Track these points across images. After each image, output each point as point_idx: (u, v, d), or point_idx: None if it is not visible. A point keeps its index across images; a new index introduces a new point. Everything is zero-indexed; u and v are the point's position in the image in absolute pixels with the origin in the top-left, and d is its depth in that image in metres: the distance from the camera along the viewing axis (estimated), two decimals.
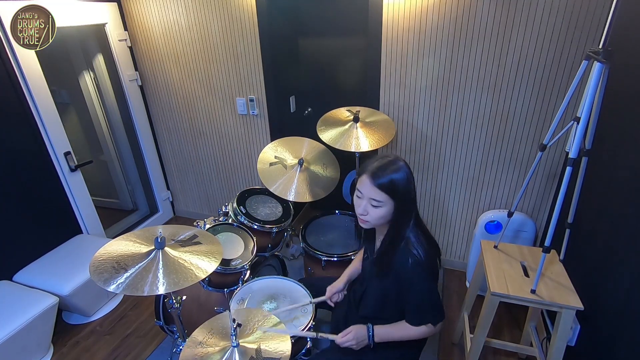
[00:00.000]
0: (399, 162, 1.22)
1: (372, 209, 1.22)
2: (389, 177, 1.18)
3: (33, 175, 2.26)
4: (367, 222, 1.27)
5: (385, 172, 1.18)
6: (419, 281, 1.24)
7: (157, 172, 3.28)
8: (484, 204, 2.41)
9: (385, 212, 1.22)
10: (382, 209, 1.21)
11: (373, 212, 1.23)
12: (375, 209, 1.22)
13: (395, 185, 1.18)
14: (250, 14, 2.41)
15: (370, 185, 1.20)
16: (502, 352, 2.01)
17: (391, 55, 2.21)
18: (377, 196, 1.19)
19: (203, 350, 1.21)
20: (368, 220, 1.26)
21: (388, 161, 1.21)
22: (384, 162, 1.21)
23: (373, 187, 1.19)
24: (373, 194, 1.20)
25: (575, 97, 1.87)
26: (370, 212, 1.23)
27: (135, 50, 2.86)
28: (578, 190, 1.55)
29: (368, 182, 1.20)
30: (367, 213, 1.24)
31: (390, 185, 1.17)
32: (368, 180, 1.20)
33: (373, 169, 1.20)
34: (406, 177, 1.20)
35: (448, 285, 2.55)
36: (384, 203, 1.20)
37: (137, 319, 2.34)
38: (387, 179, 1.17)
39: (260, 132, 2.78)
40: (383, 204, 1.20)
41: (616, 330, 1.31)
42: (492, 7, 1.92)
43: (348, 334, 1.30)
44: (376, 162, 1.22)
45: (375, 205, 1.21)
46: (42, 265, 2.24)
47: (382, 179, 1.18)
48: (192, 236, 1.46)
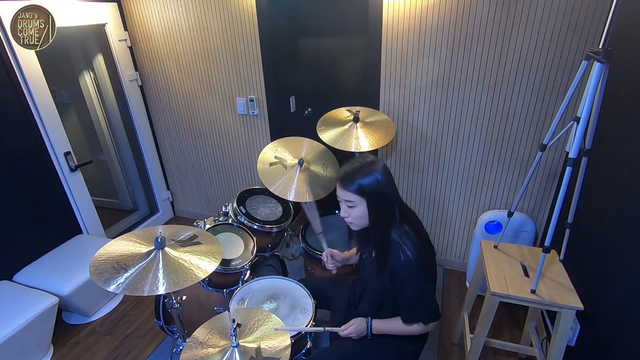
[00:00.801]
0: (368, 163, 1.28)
1: (349, 209, 1.30)
2: (355, 177, 1.25)
3: (33, 175, 2.26)
4: (352, 224, 1.35)
5: (351, 174, 1.26)
6: (410, 281, 1.27)
7: (157, 172, 3.28)
8: (484, 204, 2.41)
9: (361, 211, 1.28)
10: (357, 208, 1.28)
11: (352, 212, 1.30)
12: (351, 209, 1.29)
13: (362, 185, 1.25)
14: (250, 14, 2.41)
15: (341, 189, 1.29)
16: (502, 352, 2.01)
17: (391, 55, 2.21)
18: (347, 197, 1.27)
19: (203, 350, 1.21)
20: (352, 222, 1.33)
21: (358, 164, 1.28)
22: (354, 165, 1.29)
23: (341, 189, 1.28)
24: (345, 196, 1.28)
25: (575, 97, 1.87)
26: (350, 213, 1.31)
27: (135, 50, 2.86)
28: (578, 190, 1.56)
29: (339, 185, 1.30)
30: (348, 215, 1.32)
31: (357, 186, 1.25)
32: (338, 183, 1.30)
33: (342, 173, 1.29)
34: (372, 174, 1.25)
35: (448, 285, 2.55)
36: (355, 203, 1.27)
37: (137, 319, 2.34)
38: (352, 180, 1.25)
39: (260, 132, 2.78)
40: (355, 204, 1.27)
41: (616, 330, 1.31)
42: (492, 7, 1.92)
43: (350, 327, 1.37)
44: (346, 167, 1.31)
45: (350, 206, 1.29)
46: (42, 265, 2.24)
47: (348, 180, 1.26)
48: (192, 236, 1.46)
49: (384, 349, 1.43)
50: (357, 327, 1.37)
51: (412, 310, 1.31)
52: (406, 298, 1.30)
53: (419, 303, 1.29)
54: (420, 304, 1.29)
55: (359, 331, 1.37)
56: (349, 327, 1.37)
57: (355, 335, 1.38)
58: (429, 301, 1.30)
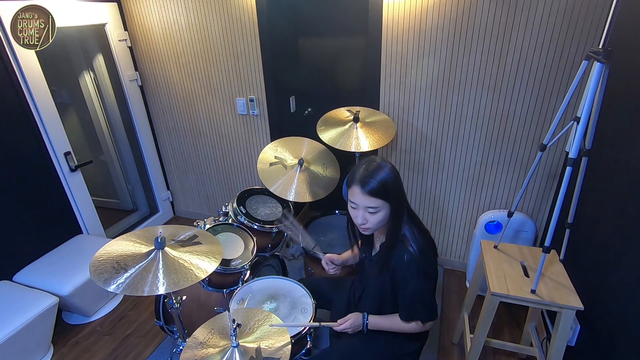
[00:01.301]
0: (383, 164, 1.22)
1: (370, 216, 1.23)
2: (379, 181, 1.18)
3: (33, 175, 2.26)
4: (368, 229, 1.28)
5: (373, 178, 1.19)
6: (412, 278, 1.26)
7: (157, 172, 3.28)
8: (484, 204, 2.41)
9: (384, 215, 1.23)
10: (379, 214, 1.22)
11: (372, 218, 1.23)
12: (373, 215, 1.23)
13: (387, 188, 1.19)
14: (250, 14, 2.41)
15: (363, 195, 1.20)
16: (502, 352, 2.01)
17: (391, 55, 2.21)
18: (371, 203, 1.20)
19: (203, 350, 1.21)
20: (369, 227, 1.26)
21: (374, 167, 1.21)
22: (370, 168, 1.21)
23: (365, 195, 1.19)
24: (367, 202, 1.20)
25: (575, 97, 1.87)
26: (370, 219, 1.24)
27: (135, 50, 2.86)
28: (578, 190, 1.55)
29: (359, 192, 1.20)
30: (367, 221, 1.24)
31: (382, 190, 1.18)
32: (359, 190, 1.20)
33: (361, 177, 1.20)
34: (394, 177, 1.22)
35: (448, 285, 2.55)
36: (380, 208, 1.21)
37: (137, 319, 2.34)
38: (377, 184, 1.18)
39: (260, 132, 2.78)
40: (379, 209, 1.21)
41: (616, 330, 1.31)
42: (492, 7, 1.92)
43: (347, 321, 1.36)
44: (362, 170, 1.22)
45: (372, 212, 1.22)
46: (42, 265, 2.24)
47: (373, 185, 1.18)
48: (192, 236, 1.46)
49: (384, 349, 1.43)
50: (353, 322, 1.36)
51: (411, 308, 1.31)
52: (406, 295, 1.29)
53: (418, 301, 1.29)
54: (420, 302, 1.29)
55: (355, 326, 1.37)
56: (345, 322, 1.37)
57: (351, 330, 1.37)
58: (428, 300, 1.30)
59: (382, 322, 1.38)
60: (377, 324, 1.38)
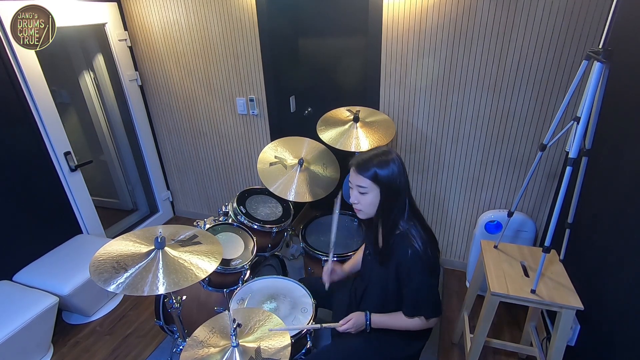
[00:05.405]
0: (386, 153, 1.29)
1: (360, 196, 1.30)
2: (373, 163, 1.26)
3: (33, 175, 2.26)
4: (360, 211, 1.34)
5: (368, 160, 1.27)
6: (416, 273, 1.27)
7: (157, 172, 3.28)
8: (484, 204, 2.41)
9: (372, 198, 1.28)
10: (368, 195, 1.28)
11: (362, 199, 1.30)
12: (363, 195, 1.29)
13: (378, 171, 1.25)
14: (250, 14, 2.41)
15: (355, 173, 1.29)
16: (502, 352, 2.01)
17: (391, 55, 2.21)
18: (361, 182, 1.27)
19: (203, 350, 1.21)
20: (361, 209, 1.33)
21: (377, 152, 1.30)
22: (370, 153, 1.30)
23: (356, 173, 1.28)
24: (358, 181, 1.28)
25: (575, 97, 1.87)
26: (360, 200, 1.31)
27: (135, 50, 2.86)
28: (578, 190, 1.55)
29: (353, 169, 1.30)
30: (358, 201, 1.32)
31: (373, 171, 1.25)
32: (353, 168, 1.30)
33: (358, 159, 1.30)
34: (390, 163, 1.26)
35: (448, 285, 2.55)
36: (368, 189, 1.27)
37: (137, 319, 2.34)
38: (369, 165, 1.26)
39: (260, 132, 2.78)
40: (368, 190, 1.27)
41: (616, 330, 1.31)
42: (492, 7, 1.92)
43: (349, 321, 1.37)
44: (362, 154, 1.32)
45: (362, 192, 1.29)
46: (42, 265, 2.24)
47: (364, 165, 1.27)
48: (192, 236, 1.46)
49: (385, 347, 1.43)
50: (355, 322, 1.36)
51: (415, 303, 1.31)
52: (410, 290, 1.29)
53: (422, 296, 1.29)
54: (424, 297, 1.29)
55: (358, 325, 1.36)
56: (347, 322, 1.36)
57: (353, 330, 1.37)
58: (432, 295, 1.30)
59: (385, 320, 1.38)
60: (380, 321, 1.38)
